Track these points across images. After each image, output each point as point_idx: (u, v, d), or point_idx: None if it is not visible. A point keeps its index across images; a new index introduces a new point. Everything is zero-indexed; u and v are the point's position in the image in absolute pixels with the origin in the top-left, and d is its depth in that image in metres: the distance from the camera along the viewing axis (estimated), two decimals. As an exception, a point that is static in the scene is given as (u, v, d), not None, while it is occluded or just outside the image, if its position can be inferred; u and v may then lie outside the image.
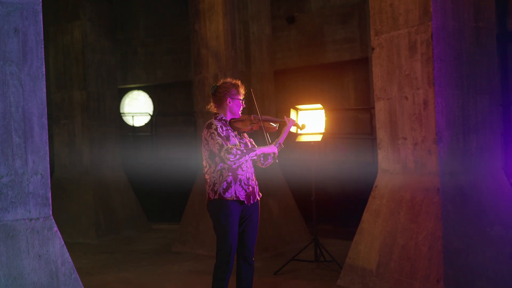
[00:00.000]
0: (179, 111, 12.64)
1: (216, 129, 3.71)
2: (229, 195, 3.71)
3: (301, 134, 5.56)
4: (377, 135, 4.96)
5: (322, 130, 5.58)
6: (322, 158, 9.31)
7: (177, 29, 12.50)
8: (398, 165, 4.75)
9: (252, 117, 3.88)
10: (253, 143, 3.96)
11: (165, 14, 12.65)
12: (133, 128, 12.64)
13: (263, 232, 6.36)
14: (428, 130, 4.43)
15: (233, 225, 3.73)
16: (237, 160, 3.67)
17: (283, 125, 3.97)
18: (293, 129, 4.15)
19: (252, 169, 3.88)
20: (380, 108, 4.89)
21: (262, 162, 3.90)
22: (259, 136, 4.28)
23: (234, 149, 3.66)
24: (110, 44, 8.73)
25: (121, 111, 12.73)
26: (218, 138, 3.67)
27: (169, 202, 9.86)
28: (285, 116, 4.03)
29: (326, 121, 5.55)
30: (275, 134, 4.08)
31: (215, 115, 3.90)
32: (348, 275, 4.99)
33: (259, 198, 3.91)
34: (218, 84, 3.95)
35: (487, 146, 4.60)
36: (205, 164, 3.83)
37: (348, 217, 7.77)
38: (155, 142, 11.73)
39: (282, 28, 11.15)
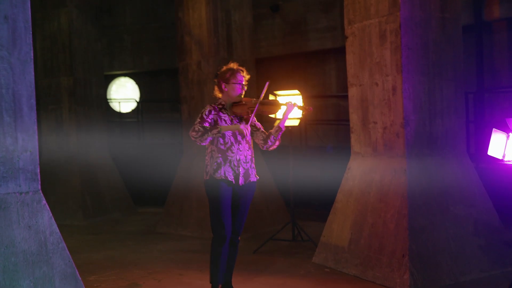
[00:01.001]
0: (165, 98, 12.83)
1: (202, 113, 3.91)
2: (218, 175, 3.91)
3: (279, 119, 5.81)
4: (350, 119, 5.23)
5: (300, 115, 5.83)
6: (303, 143, 9.58)
7: (164, 16, 12.65)
8: (369, 148, 5.03)
9: (252, 101, 3.97)
10: (259, 126, 4.09)
11: (152, 2, 12.79)
12: (119, 114, 12.82)
13: (244, 213, 6.63)
14: (396, 115, 4.71)
15: (224, 202, 3.92)
16: (199, 137, 3.78)
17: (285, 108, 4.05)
18: (298, 113, 4.25)
19: (248, 152, 4.00)
20: (353, 94, 5.15)
21: (262, 144, 4.03)
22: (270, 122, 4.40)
23: (197, 126, 3.81)
24: (97, 30, 8.89)
25: (108, 97, 12.88)
26: (198, 119, 3.89)
27: (154, 187, 10.09)
28: (288, 102, 4.08)
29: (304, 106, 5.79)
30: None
31: (216, 100, 4.06)
32: (323, 253, 5.28)
33: (253, 180, 4.04)
34: (221, 69, 4.07)
35: (452, 130, 4.89)
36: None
37: (327, 200, 8.06)
38: (141, 128, 11.93)
39: (266, 16, 11.36)
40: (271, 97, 5.82)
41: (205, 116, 3.91)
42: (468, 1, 8.24)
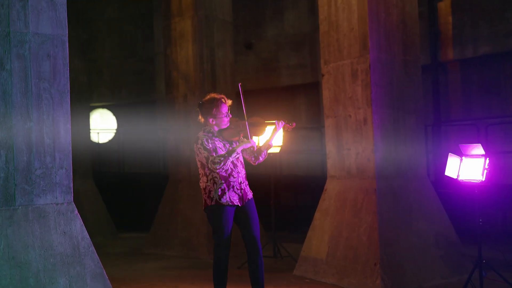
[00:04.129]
0: (143, 128, 13.34)
1: (202, 143, 4.12)
2: (224, 200, 4.13)
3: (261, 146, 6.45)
4: (326, 147, 5.93)
5: (280, 143, 6.50)
6: (277, 172, 10.23)
7: (142, 51, 13.29)
8: (343, 171, 5.73)
9: (240, 125, 4.20)
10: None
11: (131, 37, 13.42)
12: (98, 144, 13.24)
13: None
14: (367, 142, 5.43)
15: (229, 225, 4.17)
16: (223, 166, 4.05)
17: (272, 126, 4.30)
18: (279, 140, 4.52)
19: (244, 171, 4.26)
20: (329, 124, 5.87)
21: (254, 160, 4.30)
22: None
23: (217, 158, 4.05)
24: (83, 64, 9.45)
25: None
26: (205, 152, 4.10)
27: (135, 213, 10.54)
28: (276, 121, 4.31)
29: (284, 136, 6.48)
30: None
31: (203, 127, 4.29)
32: (303, 266, 5.88)
33: (250, 197, 4.30)
34: (203, 100, 4.27)
35: (414, 155, 5.65)
36: (200, 172, 4.23)
37: (301, 223, 8.71)
38: (121, 158, 12.37)
39: (240, 53, 12.14)
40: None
41: (206, 146, 4.12)
42: (425, 43, 9.20)
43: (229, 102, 4.32)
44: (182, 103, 7.75)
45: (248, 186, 4.37)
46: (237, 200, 4.19)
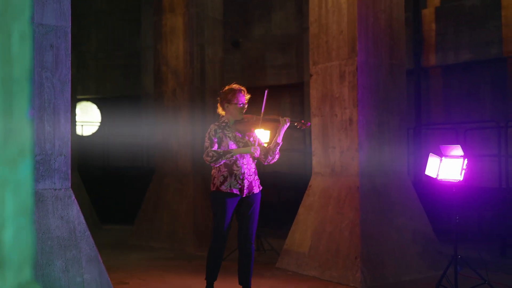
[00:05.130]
0: (127, 123, 13.40)
1: (209, 133, 4.23)
2: (224, 187, 4.19)
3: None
4: (312, 144, 6.13)
5: (267, 140, 6.69)
6: (260, 169, 10.41)
7: (128, 45, 13.34)
8: (328, 169, 5.93)
9: (254, 118, 4.26)
10: (261, 143, 4.39)
11: (117, 31, 13.47)
12: (81, 137, 13.26)
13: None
14: (352, 141, 5.65)
15: (227, 212, 4.21)
16: (213, 161, 4.12)
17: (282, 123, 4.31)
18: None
19: (252, 165, 4.29)
20: (315, 123, 6.07)
21: (263, 159, 4.32)
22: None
23: (211, 152, 4.13)
24: (74, 57, 9.49)
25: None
26: (207, 141, 4.21)
27: (118, 206, 10.61)
28: (280, 117, 4.33)
29: (270, 133, 6.66)
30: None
31: (220, 118, 4.38)
32: (285, 259, 6.07)
33: (256, 191, 4.32)
34: (224, 89, 4.37)
35: (396, 155, 5.88)
36: None
37: (283, 219, 8.91)
38: (106, 151, 12.42)
39: (227, 51, 12.27)
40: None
41: (212, 137, 4.21)
42: (409, 49, 9.48)
43: (248, 96, 4.40)
44: (171, 98, 7.88)
45: (257, 181, 4.37)
46: (237, 190, 4.21)
